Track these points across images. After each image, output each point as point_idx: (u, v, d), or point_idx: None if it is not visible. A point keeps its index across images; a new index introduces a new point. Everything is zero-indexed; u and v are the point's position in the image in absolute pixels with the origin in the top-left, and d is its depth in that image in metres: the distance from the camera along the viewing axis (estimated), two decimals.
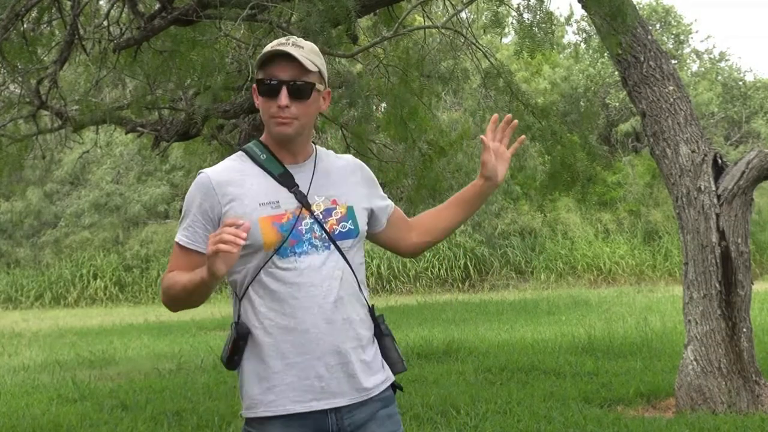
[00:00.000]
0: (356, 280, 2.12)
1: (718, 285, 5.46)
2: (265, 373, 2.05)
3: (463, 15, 8.97)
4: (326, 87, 2.15)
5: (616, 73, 9.38)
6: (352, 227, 2.11)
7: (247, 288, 2.07)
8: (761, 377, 5.54)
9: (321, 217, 2.08)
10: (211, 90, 6.58)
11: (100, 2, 8.08)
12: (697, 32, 42.92)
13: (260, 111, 2.11)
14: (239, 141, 9.89)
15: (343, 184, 2.16)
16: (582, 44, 20.16)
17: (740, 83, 26.78)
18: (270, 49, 2.06)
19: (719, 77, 26.36)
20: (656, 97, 5.81)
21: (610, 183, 21.94)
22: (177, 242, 2.12)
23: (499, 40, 18.73)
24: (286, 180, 2.10)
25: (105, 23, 7.19)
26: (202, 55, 6.42)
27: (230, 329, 2.09)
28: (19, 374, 9.09)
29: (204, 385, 7.39)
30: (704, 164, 5.61)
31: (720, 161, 5.66)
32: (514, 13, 6.90)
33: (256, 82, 2.09)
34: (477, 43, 8.33)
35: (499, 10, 9.14)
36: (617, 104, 23.68)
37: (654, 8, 25.48)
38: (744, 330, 5.47)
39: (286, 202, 2.07)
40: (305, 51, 2.07)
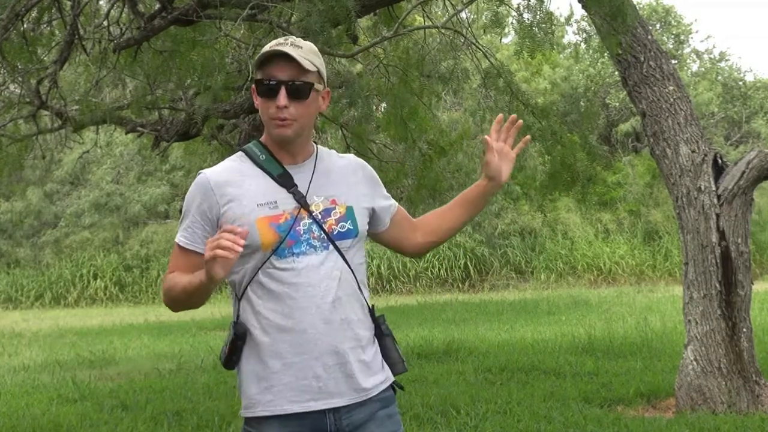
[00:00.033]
0: (356, 280, 2.11)
1: (718, 285, 5.46)
2: (263, 373, 2.05)
3: (463, 15, 8.97)
4: (325, 87, 2.15)
5: (616, 73, 9.38)
6: (351, 227, 2.11)
7: (245, 288, 2.07)
8: (761, 377, 5.54)
9: (320, 217, 2.08)
10: (211, 90, 6.57)
11: (100, 2, 8.08)
12: (697, 32, 42.96)
13: (259, 111, 2.11)
14: (239, 141, 9.88)
15: (343, 184, 2.15)
16: (582, 44, 20.18)
17: (740, 83, 26.78)
18: (268, 50, 2.06)
19: (719, 77, 26.35)
20: (656, 97, 5.81)
21: (610, 183, 21.94)
22: (177, 243, 2.13)
23: (499, 40, 18.69)
24: (285, 180, 2.09)
25: (105, 23, 7.18)
26: (202, 55, 6.41)
27: (229, 329, 2.10)
28: (19, 374, 9.09)
29: (204, 385, 7.38)
30: (704, 164, 5.61)
31: (720, 161, 5.66)
32: (514, 13, 6.91)
33: (255, 83, 2.09)
34: (477, 43, 8.33)
35: (499, 10, 9.16)
36: (617, 104, 23.68)
37: (654, 8, 25.48)
38: (744, 330, 5.47)
39: (284, 202, 2.07)
40: (303, 51, 2.06)
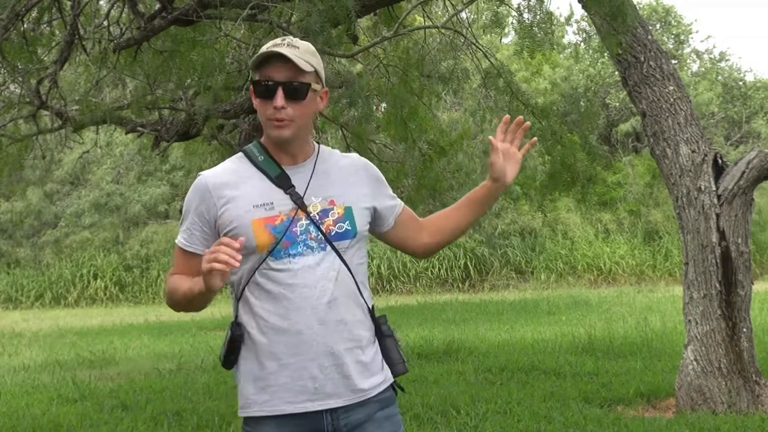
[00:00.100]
0: (354, 280, 2.10)
1: (718, 285, 5.46)
2: (260, 374, 2.05)
3: (463, 15, 8.97)
4: (323, 86, 2.14)
5: (616, 73, 9.38)
6: (349, 228, 2.10)
7: (243, 289, 2.08)
8: (761, 377, 5.54)
9: (317, 218, 2.07)
10: (211, 90, 6.57)
11: (100, 2, 8.07)
12: (697, 32, 42.96)
13: (257, 112, 2.11)
14: (239, 141, 9.89)
15: (342, 184, 2.14)
16: (582, 44, 20.17)
17: (740, 83, 26.78)
18: (265, 51, 2.05)
19: (719, 77, 26.36)
20: (656, 97, 5.81)
21: (610, 183, 21.94)
22: (177, 244, 2.15)
23: (499, 40, 18.70)
24: (282, 181, 2.09)
25: (105, 23, 7.18)
26: (202, 55, 6.41)
27: (228, 329, 2.11)
28: (19, 374, 9.09)
29: (204, 385, 7.39)
30: (704, 164, 5.61)
31: (720, 161, 5.66)
32: (514, 13, 6.91)
33: (252, 84, 2.09)
34: (477, 43, 8.33)
35: (499, 10, 9.16)
36: (617, 104, 23.68)
37: (654, 8, 25.48)
38: (744, 330, 5.47)
39: (280, 203, 2.07)
40: (300, 51, 2.06)
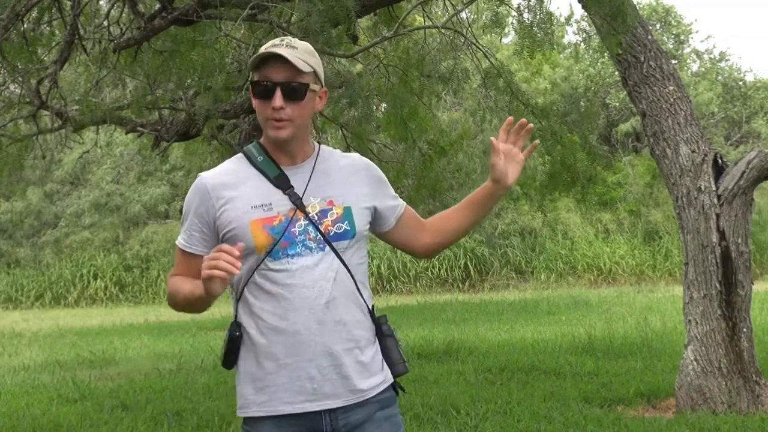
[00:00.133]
0: (353, 281, 2.10)
1: (718, 285, 5.46)
2: (259, 374, 2.05)
3: (463, 15, 8.97)
4: (322, 86, 2.14)
5: (616, 73, 9.38)
6: (348, 228, 2.09)
7: (242, 289, 2.08)
8: (761, 377, 5.54)
9: (316, 218, 2.07)
10: (211, 90, 6.57)
11: (100, 2, 8.08)
12: (697, 32, 42.97)
13: (256, 113, 2.11)
14: (239, 141, 9.89)
15: (342, 184, 2.14)
16: (582, 44, 20.16)
17: (740, 83, 26.78)
18: (263, 51, 2.05)
19: (719, 77, 26.35)
20: (656, 97, 5.81)
21: (610, 183, 21.93)
22: (177, 245, 2.15)
23: (499, 40, 18.71)
24: (281, 182, 2.09)
25: (105, 23, 7.18)
26: (202, 55, 6.41)
27: (227, 329, 2.11)
28: (19, 374, 9.09)
29: (204, 385, 7.39)
30: (704, 164, 5.61)
31: (720, 161, 5.66)
32: (514, 13, 6.91)
33: (251, 84, 2.09)
34: (477, 43, 8.33)
35: (499, 10, 9.17)
36: (617, 104, 23.68)
37: (654, 8, 25.48)
38: (744, 330, 5.47)
39: (279, 204, 2.07)
40: (299, 51, 2.06)
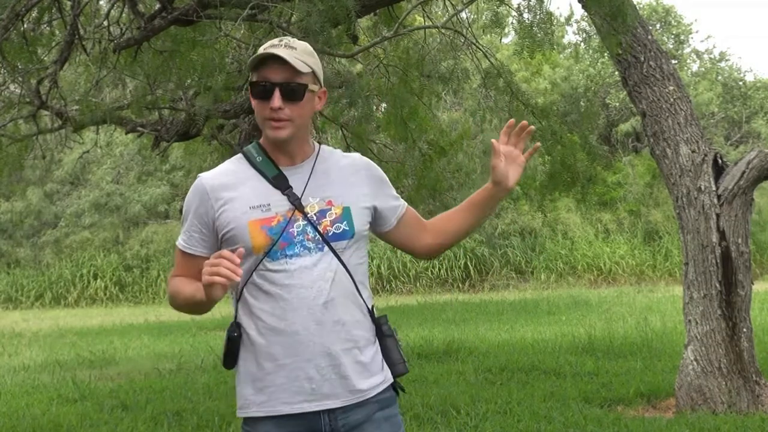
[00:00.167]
0: (352, 281, 2.10)
1: (718, 285, 5.46)
2: (258, 374, 2.06)
3: (463, 15, 8.97)
4: (321, 87, 2.14)
5: (616, 73, 9.38)
6: (346, 228, 2.09)
7: (242, 290, 2.08)
8: (761, 377, 5.54)
9: (314, 218, 2.07)
10: (211, 90, 6.57)
11: (100, 2, 8.08)
12: (697, 32, 42.96)
13: (255, 113, 2.11)
14: (239, 141, 9.89)
15: (341, 184, 2.14)
16: (582, 44, 20.15)
17: (740, 83, 26.78)
18: (262, 52, 2.05)
19: (719, 77, 26.35)
20: (656, 97, 5.81)
21: (610, 183, 21.93)
22: (177, 246, 2.16)
23: (499, 40, 18.71)
24: (280, 182, 2.09)
25: (105, 23, 7.18)
26: (202, 55, 6.41)
27: (227, 329, 2.11)
28: (19, 374, 9.09)
29: (204, 385, 7.39)
30: (704, 164, 5.61)
31: (720, 161, 5.66)
32: (514, 13, 6.91)
33: (250, 85, 2.10)
34: (477, 43, 8.33)
35: (499, 10, 9.16)
36: (617, 104, 23.68)
37: (654, 8, 25.48)
38: (744, 330, 5.47)
39: (277, 204, 2.07)
40: (297, 52, 2.06)
